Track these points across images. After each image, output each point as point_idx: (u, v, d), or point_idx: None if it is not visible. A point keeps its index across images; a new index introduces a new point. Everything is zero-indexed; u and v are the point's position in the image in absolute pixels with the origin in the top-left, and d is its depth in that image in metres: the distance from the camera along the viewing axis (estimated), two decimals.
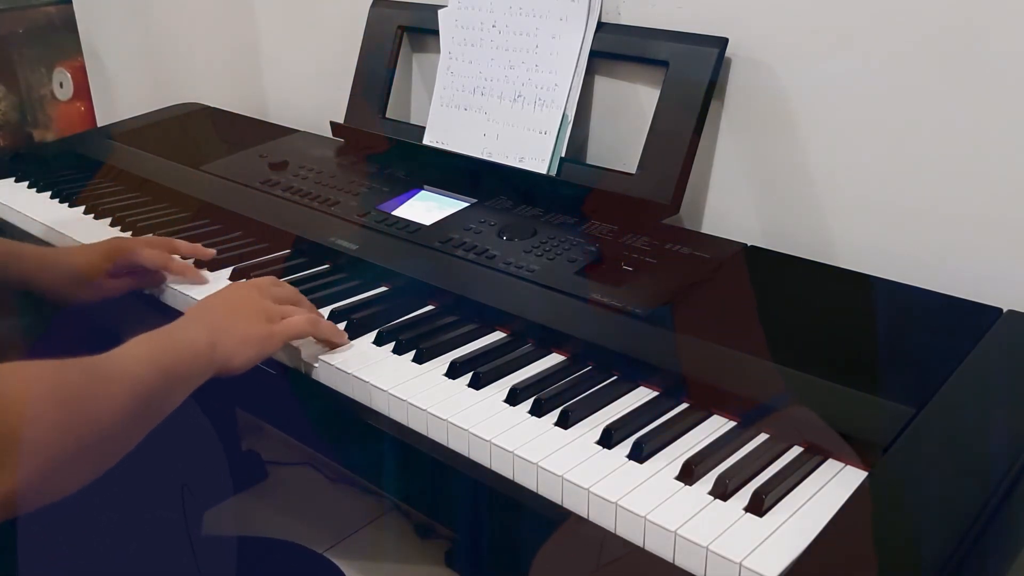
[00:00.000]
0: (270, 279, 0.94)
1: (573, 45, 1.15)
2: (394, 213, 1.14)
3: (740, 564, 0.60)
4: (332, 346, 0.88)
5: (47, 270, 1.02)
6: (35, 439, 0.61)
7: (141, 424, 0.71)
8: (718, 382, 0.78)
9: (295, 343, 0.90)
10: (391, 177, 1.25)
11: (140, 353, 0.73)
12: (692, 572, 0.63)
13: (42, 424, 0.62)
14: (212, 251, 1.07)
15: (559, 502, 0.70)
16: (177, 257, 1.04)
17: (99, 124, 1.77)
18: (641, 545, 0.65)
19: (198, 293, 1.00)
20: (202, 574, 0.94)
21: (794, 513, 0.65)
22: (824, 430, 0.71)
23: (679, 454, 0.72)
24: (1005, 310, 0.84)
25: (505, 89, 1.21)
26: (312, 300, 0.97)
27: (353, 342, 0.90)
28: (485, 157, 1.22)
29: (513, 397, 0.80)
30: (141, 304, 1.06)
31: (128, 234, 1.20)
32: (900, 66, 0.93)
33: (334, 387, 0.87)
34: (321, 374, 0.88)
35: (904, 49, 0.93)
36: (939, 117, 0.92)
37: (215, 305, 0.86)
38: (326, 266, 1.08)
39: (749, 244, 1.00)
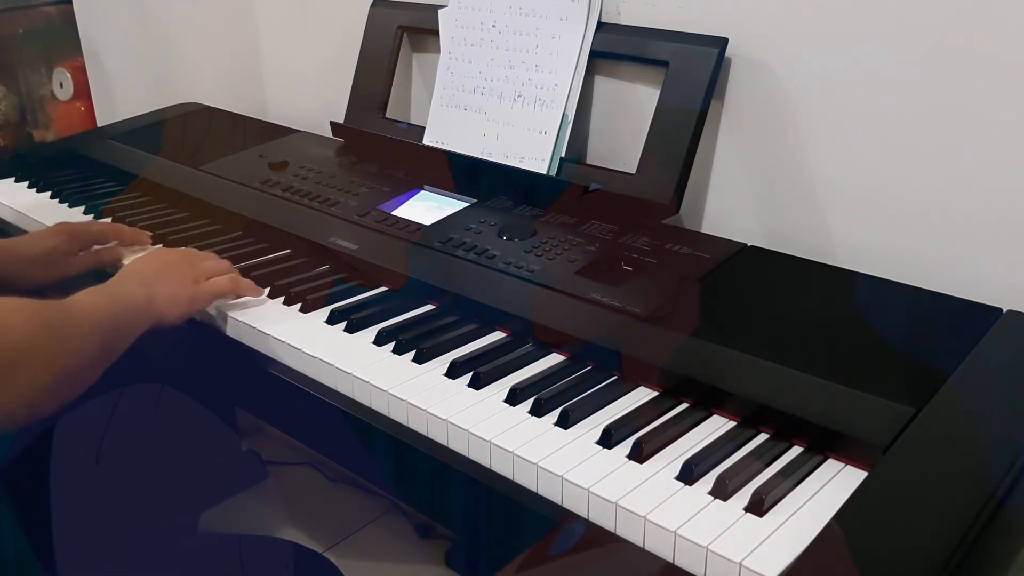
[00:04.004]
0: (195, 252, 1.02)
1: (573, 45, 1.15)
2: (394, 213, 1.14)
3: (740, 564, 0.60)
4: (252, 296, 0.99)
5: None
6: (29, 361, 0.71)
7: (97, 363, 0.81)
8: (718, 382, 0.78)
9: (295, 343, 0.90)
10: (391, 177, 1.25)
11: (95, 303, 0.83)
12: (692, 572, 0.63)
13: (34, 349, 0.72)
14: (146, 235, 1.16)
15: (559, 502, 0.70)
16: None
17: (99, 124, 1.77)
18: (641, 545, 0.65)
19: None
20: (201, 572, 0.94)
21: (794, 513, 0.65)
22: (824, 430, 0.71)
23: (679, 454, 0.72)
24: (1005, 310, 0.84)
25: (505, 89, 1.21)
26: (312, 300, 0.98)
27: (266, 296, 1.01)
28: (485, 157, 1.22)
29: (513, 397, 0.80)
30: None
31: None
32: (900, 66, 0.93)
33: (334, 387, 0.87)
34: (322, 374, 0.88)
35: (905, 49, 0.93)
36: (939, 116, 0.92)
37: (149, 266, 0.95)
38: (326, 266, 1.08)
39: (749, 244, 1.00)
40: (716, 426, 0.77)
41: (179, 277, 0.94)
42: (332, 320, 0.95)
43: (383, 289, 1.02)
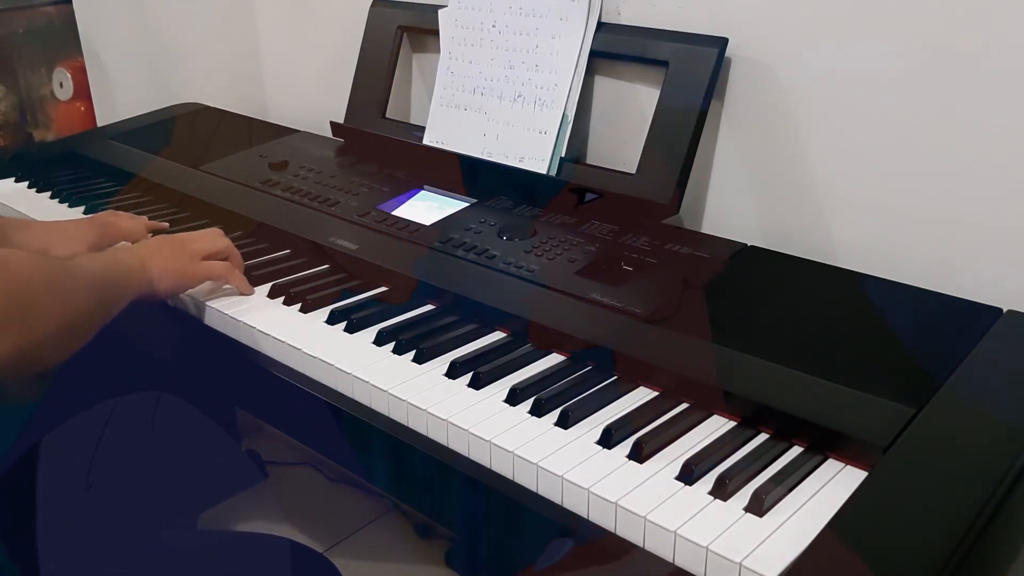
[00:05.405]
0: (195, 233, 1.05)
1: (573, 45, 1.15)
2: (394, 213, 1.14)
3: (740, 564, 0.60)
4: (241, 293, 1.02)
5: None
6: (34, 308, 0.75)
7: (91, 318, 0.84)
8: (718, 382, 0.78)
9: (295, 343, 0.90)
10: (391, 177, 1.25)
11: (92, 264, 0.88)
12: (692, 572, 0.63)
13: (38, 296, 0.76)
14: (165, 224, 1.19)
15: (559, 502, 0.70)
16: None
17: (99, 124, 1.77)
18: (641, 545, 0.65)
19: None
20: (201, 572, 0.94)
21: (794, 513, 0.65)
22: (824, 430, 0.71)
23: (679, 454, 0.72)
24: (1005, 310, 0.84)
25: (505, 89, 1.21)
26: (312, 300, 0.98)
27: (257, 289, 1.03)
28: (485, 157, 1.22)
29: (513, 397, 0.80)
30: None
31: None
32: (901, 66, 0.93)
33: (334, 387, 0.87)
34: (322, 374, 0.88)
35: (904, 49, 0.93)
36: (939, 116, 0.92)
37: (147, 243, 1.02)
38: (326, 266, 1.08)
39: (749, 244, 1.00)
40: (716, 426, 0.77)
41: (173, 253, 0.99)
42: (332, 320, 0.95)
43: (383, 289, 1.02)
